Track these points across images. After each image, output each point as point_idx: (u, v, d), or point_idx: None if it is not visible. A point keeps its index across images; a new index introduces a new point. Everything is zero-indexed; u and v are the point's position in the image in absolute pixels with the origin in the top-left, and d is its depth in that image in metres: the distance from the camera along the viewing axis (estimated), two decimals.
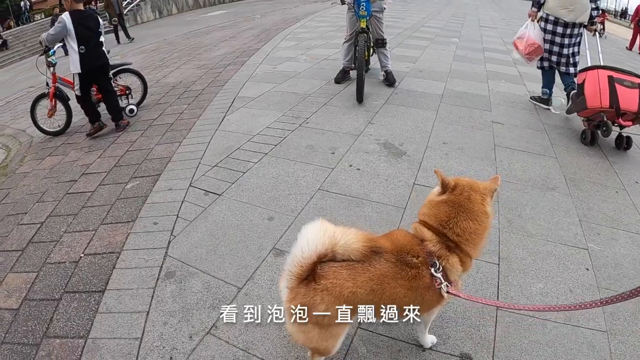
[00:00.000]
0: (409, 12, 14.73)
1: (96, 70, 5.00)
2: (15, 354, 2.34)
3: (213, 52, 9.13)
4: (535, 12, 4.97)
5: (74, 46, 4.72)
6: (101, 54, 5.03)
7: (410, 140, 3.87)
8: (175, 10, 26.29)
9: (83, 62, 4.79)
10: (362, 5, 5.00)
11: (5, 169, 5.19)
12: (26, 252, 3.26)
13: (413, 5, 16.87)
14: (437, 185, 1.74)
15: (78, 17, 4.72)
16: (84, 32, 4.75)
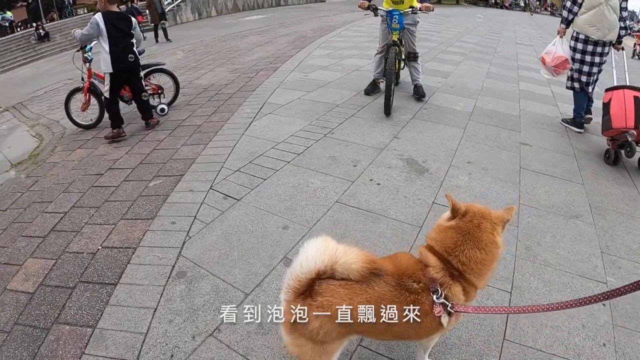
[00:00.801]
0: (445, 26, 14.71)
1: (127, 70, 5.21)
2: (25, 336, 2.49)
3: (247, 57, 9.39)
4: (564, 29, 5.05)
5: (106, 47, 4.94)
6: (132, 54, 5.24)
7: (434, 157, 3.89)
8: (214, 12, 27.13)
9: (114, 62, 5.01)
10: (394, 17, 5.06)
11: (36, 157, 5.48)
12: (47, 240, 3.44)
13: (450, 19, 16.85)
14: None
15: (110, 18, 4.94)
16: (116, 34, 4.97)
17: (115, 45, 4.96)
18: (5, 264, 3.25)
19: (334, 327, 1.54)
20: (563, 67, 5.10)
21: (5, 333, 2.55)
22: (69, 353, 2.31)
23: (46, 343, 2.41)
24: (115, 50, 4.97)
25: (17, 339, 2.49)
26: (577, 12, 4.74)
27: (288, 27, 14.76)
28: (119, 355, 2.24)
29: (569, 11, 4.80)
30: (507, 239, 2.80)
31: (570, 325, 2.35)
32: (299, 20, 17.26)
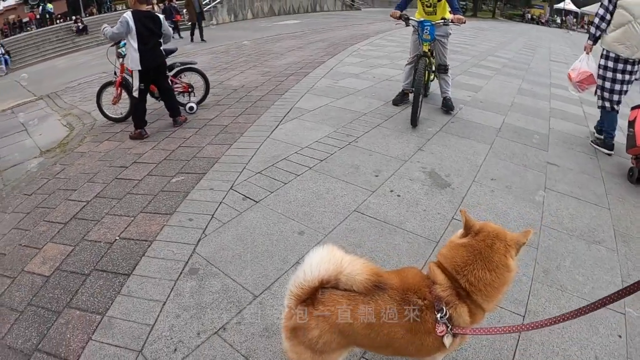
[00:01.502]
0: (479, 39, 14.58)
1: (154, 69, 5.36)
2: (37, 317, 2.60)
3: (279, 60, 9.54)
4: (591, 45, 5.02)
5: (134, 45, 5.10)
6: (159, 54, 5.42)
7: (457, 172, 3.87)
8: (250, 15, 27.76)
9: (142, 61, 5.16)
10: (426, 28, 5.06)
11: (65, 146, 5.69)
12: (68, 226, 3.58)
13: (485, 33, 16.69)
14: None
15: (140, 17, 5.10)
16: (145, 33, 5.13)
17: (144, 44, 5.12)
18: (25, 246, 3.40)
19: (334, 337, 1.55)
20: (588, 83, 5.07)
21: (18, 312, 2.67)
22: (77, 337, 2.40)
23: (56, 326, 2.51)
24: (144, 48, 5.13)
25: (28, 319, 2.60)
26: (606, 30, 4.73)
27: (322, 33, 14.92)
28: (124, 344, 2.31)
29: (597, 27, 4.78)
30: (525, 260, 2.75)
31: (583, 354, 2.29)
32: (333, 27, 17.43)
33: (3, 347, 2.43)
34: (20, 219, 3.87)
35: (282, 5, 30.41)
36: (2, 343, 2.46)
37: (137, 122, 5.45)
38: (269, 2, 29.46)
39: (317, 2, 33.18)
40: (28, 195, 4.35)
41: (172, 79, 6.19)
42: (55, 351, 2.33)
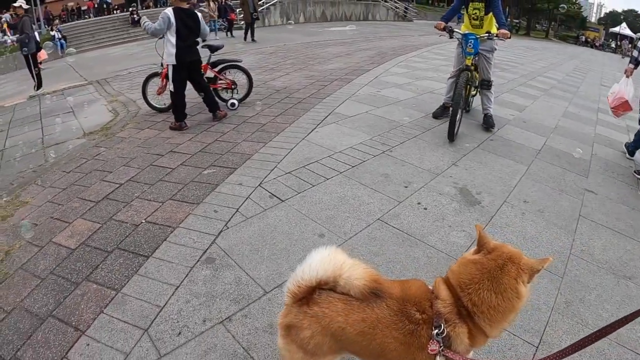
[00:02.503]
0: (530, 59, 14.22)
1: (189, 64, 5.54)
2: (56, 285, 2.77)
3: (325, 65, 9.66)
4: (632, 69, 4.94)
5: (172, 40, 5.28)
6: (195, 51, 5.59)
7: (489, 191, 3.80)
8: (302, 19, 28.29)
9: (178, 56, 5.34)
10: (470, 41, 5.01)
11: (107, 130, 5.97)
12: (99, 205, 3.77)
13: (537, 53, 16.24)
14: None
15: (180, 14, 5.30)
16: (184, 30, 5.32)
17: (182, 41, 5.31)
18: (56, 219, 3.61)
19: (325, 340, 1.54)
20: (623, 109, 4.96)
21: (40, 279, 2.85)
22: (90, 309, 2.53)
23: (72, 296, 2.66)
24: (182, 45, 5.31)
25: (48, 286, 2.77)
26: None
27: (371, 41, 14.99)
28: (133, 321, 2.42)
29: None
30: (548, 288, 2.67)
31: None
32: (383, 37, 17.48)
33: (20, 309, 2.59)
34: (56, 194, 4.10)
35: (335, 12, 30.82)
36: (20, 305, 2.63)
37: (176, 114, 5.66)
38: (321, 8, 29.94)
39: (369, 11, 33.45)
40: (66, 173, 4.60)
41: (217, 75, 6.40)
42: (68, 319, 2.47)
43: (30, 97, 9.61)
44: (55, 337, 2.36)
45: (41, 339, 2.36)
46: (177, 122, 5.63)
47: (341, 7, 31.36)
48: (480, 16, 5.18)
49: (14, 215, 3.80)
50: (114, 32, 23.54)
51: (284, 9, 26.76)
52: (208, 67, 6.33)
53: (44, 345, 2.32)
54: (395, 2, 36.17)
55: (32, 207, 3.92)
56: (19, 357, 2.26)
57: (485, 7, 5.10)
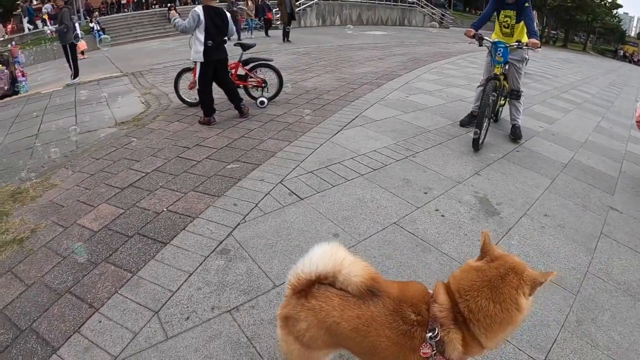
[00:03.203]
0: (565, 71, 13.85)
1: (216, 62, 5.67)
2: (76, 264, 2.92)
3: (356, 69, 9.71)
4: None
5: (201, 38, 5.42)
6: (223, 49, 5.72)
7: (510, 202, 3.76)
8: (338, 21, 28.47)
9: (206, 53, 5.48)
10: (499, 50, 4.95)
11: (139, 121, 6.18)
12: (124, 192, 3.93)
13: (572, 65, 15.78)
14: None
15: (210, 12, 5.43)
16: (213, 29, 5.44)
17: (211, 39, 5.43)
18: (82, 202, 3.78)
19: (320, 333, 1.57)
20: None
21: (62, 257, 3.01)
22: (105, 288, 2.66)
23: (90, 275, 2.80)
24: (210, 43, 5.44)
25: (68, 264, 2.93)
26: None
27: (405, 47, 14.95)
28: (145, 303, 2.53)
29: None
30: (560, 305, 2.62)
31: None
32: (418, 43, 17.40)
33: (40, 284, 2.75)
34: (84, 179, 4.29)
35: (371, 16, 30.89)
36: (40, 280, 2.79)
37: (205, 109, 5.82)
38: (357, 11, 30.06)
39: (405, 16, 33.37)
40: (96, 159, 4.79)
41: (248, 73, 6.54)
42: (84, 296, 2.61)
43: (66, 86, 10.01)
44: (70, 312, 2.49)
45: (57, 313, 2.50)
46: (206, 117, 5.78)
47: (377, 11, 31.44)
48: (511, 24, 5.13)
49: (43, 196, 3.99)
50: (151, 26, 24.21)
51: (320, 10, 26.99)
52: (239, 65, 6.48)
53: (59, 319, 2.45)
54: (432, 9, 36.01)
55: (61, 189, 4.11)
56: (34, 328, 2.40)
57: (517, 15, 5.05)
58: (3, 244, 3.26)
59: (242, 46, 6.60)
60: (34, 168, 4.80)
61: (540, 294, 2.62)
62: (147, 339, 2.28)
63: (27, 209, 3.79)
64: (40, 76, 13.73)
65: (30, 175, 4.56)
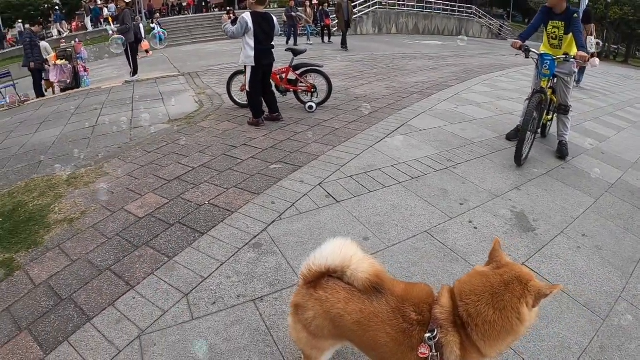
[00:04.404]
0: (623, 87, 12.99)
1: (264, 66, 5.90)
2: (119, 245, 3.20)
3: (408, 78, 9.72)
4: None
5: (251, 43, 5.64)
6: (271, 54, 5.94)
7: (547, 219, 3.67)
8: (394, 30, 28.49)
9: (257, 58, 5.70)
10: (546, 62, 4.81)
11: (191, 119, 6.50)
12: (170, 184, 4.19)
13: (632, 82, 14.78)
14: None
15: (258, 18, 5.64)
16: (261, 35, 5.66)
17: (260, 44, 5.66)
18: (131, 191, 4.07)
19: (326, 323, 1.67)
20: None
21: (107, 238, 3.30)
22: (143, 269, 2.90)
23: (130, 256, 3.05)
24: (260, 48, 5.66)
25: (112, 245, 3.21)
26: None
27: (459, 58, 14.72)
28: (177, 285, 2.73)
29: None
30: (585, 328, 2.55)
31: None
32: (473, 54, 17.08)
33: (84, 260, 3.04)
34: (135, 169, 4.60)
35: (427, 25, 30.67)
36: (85, 257, 3.08)
37: (254, 111, 6.05)
38: (414, 20, 29.92)
39: (462, 26, 32.83)
40: (147, 152, 5.11)
41: (298, 78, 6.73)
42: (122, 275, 2.86)
43: (125, 82, 10.66)
44: (108, 287, 2.74)
45: (96, 287, 2.75)
46: (255, 119, 6.01)
47: (434, 20, 31.19)
48: (560, 36, 5.00)
49: (95, 182, 4.34)
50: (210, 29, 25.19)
51: (376, 19, 27.14)
52: (290, 70, 6.68)
53: (97, 292, 2.70)
54: (490, 19, 35.40)
55: (112, 177, 4.43)
56: (73, 298, 2.67)
57: (566, 26, 4.91)
58: (55, 223, 3.60)
59: (293, 52, 6.82)
60: (90, 157, 5.19)
61: (566, 315, 2.60)
62: (174, 318, 2.47)
63: (80, 193, 4.14)
64: (101, 72, 14.62)
65: (86, 163, 4.94)
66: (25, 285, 2.86)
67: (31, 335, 2.43)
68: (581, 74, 10.52)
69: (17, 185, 4.55)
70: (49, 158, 5.38)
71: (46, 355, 2.29)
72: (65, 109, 8.30)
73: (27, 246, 3.31)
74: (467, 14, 33.45)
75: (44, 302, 2.67)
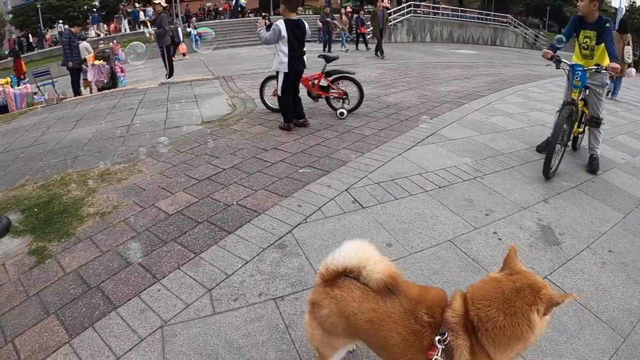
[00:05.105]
0: None
1: (296, 73, 6.02)
2: (148, 240, 3.33)
3: (440, 87, 9.69)
4: None
5: (285, 50, 5.75)
6: (303, 61, 6.03)
7: (574, 233, 3.59)
8: (428, 38, 28.41)
9: (290, 65, 5.81)
10: (577, 73, 4.67)
11: (223, 121, 6.65)
12: (201, 183, 4.31)
13: None
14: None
15: (291, 26, 5.74)
16: (294, 42, 5.77)
17: (294, 51, 5.77)
18: (162, 188, 4.22)
19: (340, 321, 1.71)
20: None
21: (136, 232, 3.43)
22: (169, 264, 3.01)
23: (158, 251, 3.17)
24: (293, 54, 5.77)
25: (141, 239, 3.34)
26: None
27: (493, 67, 14.52)
28: (201, 280, 2.83)
29: None
30: (605, 347, 2.49)
31: None
32: (507, 64, 16.79)
33: (114, 252, 3.19)
34: (167, 168, 4.75)
35: (462, 34, 30.39)
36: (115, 249, 3.22)
37: (285, 116, 6.16)
38: (448, 29, 29.73)
39: (497, 36, 32.37)
40: (179, 152, 5.26)
41: (330, 84, 6.80)
42: (150, 268, 2.98)
43: (161, 84, 10.95)
44: (134, 279, 2.86)
45: (123, 278, 2.88)
46: (286, 123, 6.10)
47: (469, 29, 30.91)
48: (591, 46, 4.88)
49: (128, 179, 4.51)
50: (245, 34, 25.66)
51: (410, 27, 27.12)
52: (322, 76, 6.76)
53: (124, 283, 2.83)
54: (525, 29, 34.83)
55: (145, 175, 4.59)
56: (101, 287, 2.81)
57: (597, 36, 4.79)
58: (87, 215, 3.77)
59: (326, 58, 6.90)
60: (124, 154, 5.37)
61: (586, 331, 2.55)
62: (196, 311, 2.56)
63: (113, 188, 4.31)
64: (138, 73, 15.05)
65: (119, 160, 5.12)
66: (56, 272, 3.02)
67: (58, 319, 2.56)
68: (617, 86, 10.20)
69: (52, 178, 4.77)
70: (84, 154, 5.58)
71: (71, 339, 2.41)
72: (102, 108, 8.60)
73: (60, 236, 3.48)
74: (502, 23, 33.01)
75: (73, 290, 2.81)
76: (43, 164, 5.39)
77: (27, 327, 2.53)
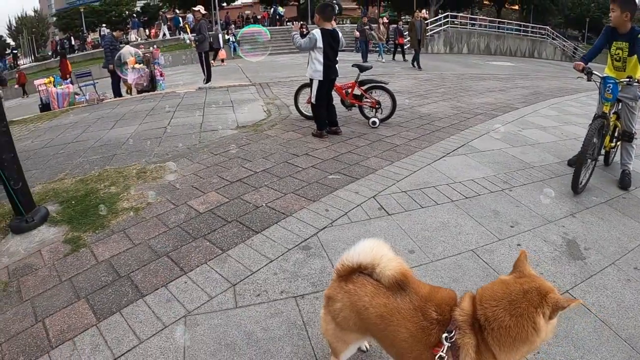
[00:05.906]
0: None
1: (329, 81, 6.14)
2: (178, 235, 3.49)
3: (474, 99, 9.63)
4: None
5: (320, 58, 5.89)
6: (336, 70, 6.15)
7: (600, 249, 3.50)
8: (465, 49, 28.04)
9: (325, 73, 5.95)
10: (608, 86, 4.52)
11: (258, 126, 6.82)
12: (232, 185, 4.46)
13: None
14: None
15: (326, 35, 5.87)
16: (329, 51, 5.90)
17: (328, 60, 5.91)
18: (195, 188, 4.39)
19: (352, 315, 1.78)
20: None
21: (168, 228, 3.60)
22: (197, 258, 3.16)
23: (187, 246, 3.32)
24: (328, 63, 5.91)
25: (172, 235, 3.51)
26: None
27: (529, 80, 14.23)
28: (226, 275, 2.95)
29: None
30: (618, 358, 2.44)
31: None
32: (544, 76, 16.42)
33: (145, 245, 3.36)
34: (200, 169, 4.92)
35: (499, 46, 29.83)
36: (146, 242, 3.40)
37: (318, 124, 6.29)
38: (486, 40, 29.25)
39: (535, 48, 31.55)
40: (213, 154, 5.44)
41: (364, 93, 6.88)
42: (178, 261, 3.13)
43: (199, 89, 11.31)
44: (163, 271, 3.02)
45: (152, 269, 3.04)
46: (319, 130, 6.22)
47: (506, 41, 30.32)
48: (623, 57, 4.73)
49: (163, 178, 4.71)
50: (283, 42, 25.97)
51: (447, 37, 26.89)
52: (356, 85, 6.85)
53: (153, 274, 2.99)
54: (563, 41, 33.91)
55: (179, 175, 4.78)
56: (130, 277, 2.98)
57: (630, 47, 4.64)
58: (122, 210, 3.98)
59: (360, 67, 7.00)
60: (160, 154, 5.60)
61: (603, 348, 2.51)
62: (219, 304, 2.68)
63: (148, 186, 4.51)
64: (177, 77, 15.56)
65: (156, 159, 5.33)
66: (89, 260, 3.22)
67: (88, 303, 2.74)
68: None
69: (91, 173, 5.03)
70: (122, 152, 5.85)
71: (99, 322, 2.57)
72: (141, 110, 8.95)
73: (95, 228, 3.69)
74: (540, 35, 32.19)
75: (104, 277, 3.00)
76: (82, 159, 5.67)
77: (58, 309, 2.71)
